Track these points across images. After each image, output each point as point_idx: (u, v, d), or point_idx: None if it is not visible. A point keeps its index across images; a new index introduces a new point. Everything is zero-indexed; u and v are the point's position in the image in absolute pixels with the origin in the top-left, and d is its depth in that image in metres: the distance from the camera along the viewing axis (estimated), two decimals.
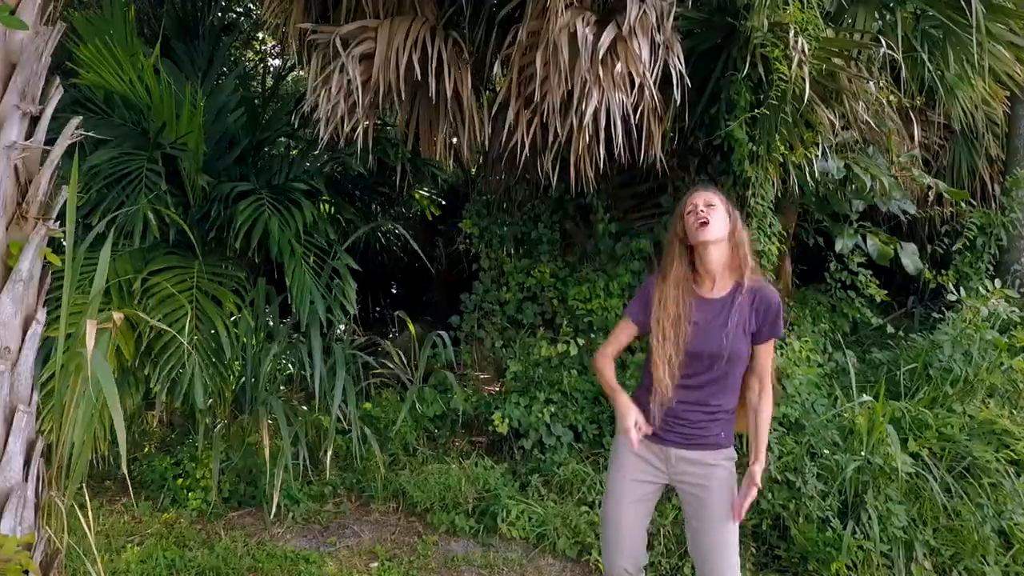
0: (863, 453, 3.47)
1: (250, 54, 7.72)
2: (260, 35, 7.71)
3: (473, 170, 7.12)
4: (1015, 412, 4.08)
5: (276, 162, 4.45)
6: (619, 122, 3.54)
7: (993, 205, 6.02)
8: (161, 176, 3.70)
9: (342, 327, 9.05)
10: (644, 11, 3.54)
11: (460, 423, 4.86)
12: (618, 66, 3.46)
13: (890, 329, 5.25)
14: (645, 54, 3.48)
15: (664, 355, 2.45)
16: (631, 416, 2.46)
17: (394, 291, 10.44)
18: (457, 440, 4.78)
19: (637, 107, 3.63)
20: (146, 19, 4.89)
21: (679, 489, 2.58)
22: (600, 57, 3.45)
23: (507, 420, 4.39)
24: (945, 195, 4.96)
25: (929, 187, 4.79)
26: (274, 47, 7.66)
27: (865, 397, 3.76)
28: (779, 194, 4.93)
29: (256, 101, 4.81)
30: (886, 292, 5.32)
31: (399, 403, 4.52)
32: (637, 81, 3.51)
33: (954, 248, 5.30)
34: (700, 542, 2.51)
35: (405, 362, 4.40)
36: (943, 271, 5.29)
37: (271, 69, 5.48)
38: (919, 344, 4.41)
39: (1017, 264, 5.81)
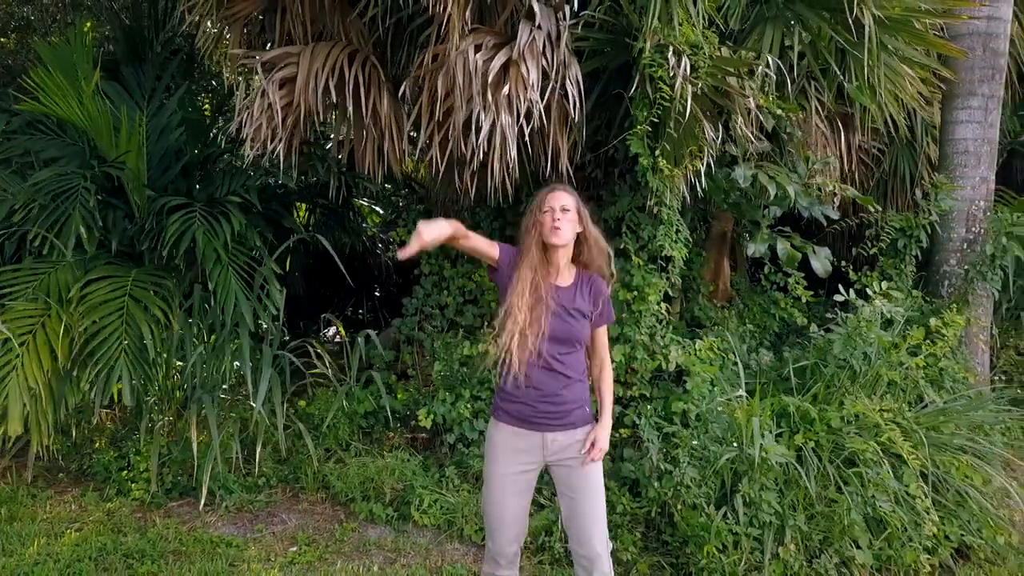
0: (735, 444, 3.73)
1: (227, 72, 8.07)
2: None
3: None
4: (903, 406, 4.31)
5: (219, 176, 4.79)
6: (512, 142, 3.83)
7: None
8: (91, 192, 4.05)
9: (332, 330, 9.34)
10: (534, 37, 3.83)
11: (396, 419, 5.16)
12: (505, 89, 3.75)
13: (814, 329, 5.48)
14: (533, 77, 3.76)
15: (521, 336, 2.69)
16: (431, 225, 2.50)
17: (377, 293, 10.84)
18: (393, 435, 5.08)
19: (531, 125, 3.91)
20: (104, 44, 5.24)
21: (553, 468, 2.85)
22: (490, 81, 3.74)
23: (432, 416, 4.69)
24: (858, 200, 5.18)
25: (833, 193, 5.02)
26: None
27: (740, 392, 4.02)
28: (706, 199, 5.23)
29: (207, 118, 5.15)
30: (813, 293, 5.56)
31: (333, 401, 4.83)
32: (524, 105, 3.79)
33: (871, 251, 5.53)
34: (575, 510, 2.79)
35: (331, 361, 4.72)
36: (867, 272, 5.52)
37: (217, 88, 5.82)
38: (819, 342, 4.66)
39: (946, 265, 6.01)
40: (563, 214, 2.76)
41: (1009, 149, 7.52)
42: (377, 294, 10.72)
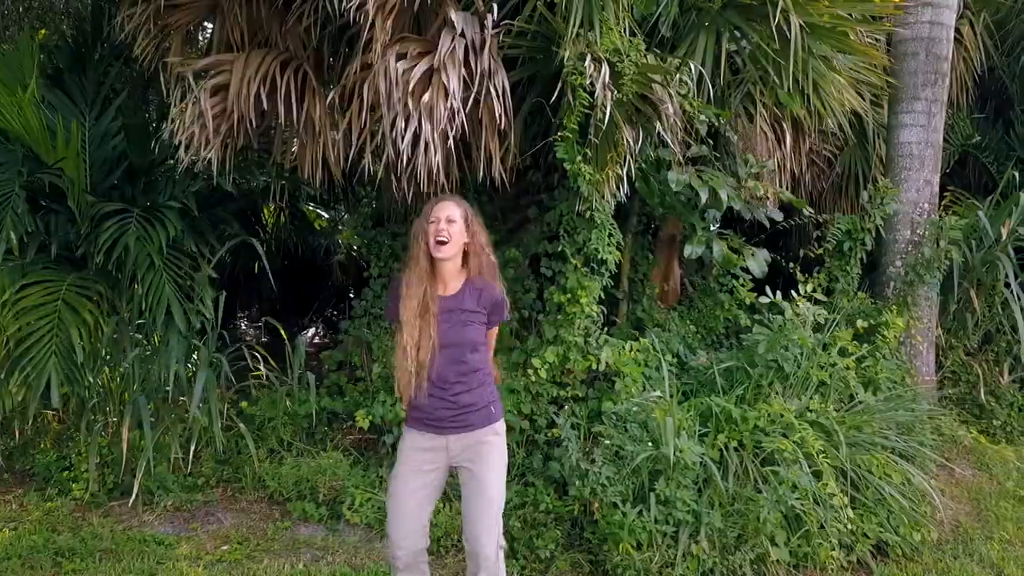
0: (650, 444, 3.82)
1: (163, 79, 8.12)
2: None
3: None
4: (827, 406, 4.40)
5: (161, 182, 4.88)
6: (435, 148, 3.91)
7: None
8: (21, 198, 4.14)
9: (310, 332, 9.41)
10: (455, 46, 3.91)
11: (342, 420, 5.25)
12: (426, 96, 3.84)
13: (757, 330, 5.56)
14: (454, 85, 3.84)
15: (413, 345, 2.76)
16: None
17: (351, 295, 10.99)
18: (338, 435, 5.16)
19: (456, 132, 3.98)
20: (51, 51, 5.34)
21: (457, 469, 2.94)
22: (411, 89, 3.82)
23: (370, 417, 4.77)
24: (793, 203, 5.28)
25: (765, 196, 5.10)
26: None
27: (658, 392, 4.10)
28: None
29: (151, 124, 5.25)
30: (757, 295, 5.65)
31: (275, 402, 4.92)
32: (446, 113, 3.86)
33: (817, 252, 5.61)
34: (467, 509, 2.87)
35: (271, 363, 4.81)
36: (812, 274, 5.60)
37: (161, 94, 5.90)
38: (748, 344, 4.75)
39: (892, 267, 6.10)
40: (448, 225, 2.81)
41: (961, 151, 7.59)
42: (351, 295, 10.87)
